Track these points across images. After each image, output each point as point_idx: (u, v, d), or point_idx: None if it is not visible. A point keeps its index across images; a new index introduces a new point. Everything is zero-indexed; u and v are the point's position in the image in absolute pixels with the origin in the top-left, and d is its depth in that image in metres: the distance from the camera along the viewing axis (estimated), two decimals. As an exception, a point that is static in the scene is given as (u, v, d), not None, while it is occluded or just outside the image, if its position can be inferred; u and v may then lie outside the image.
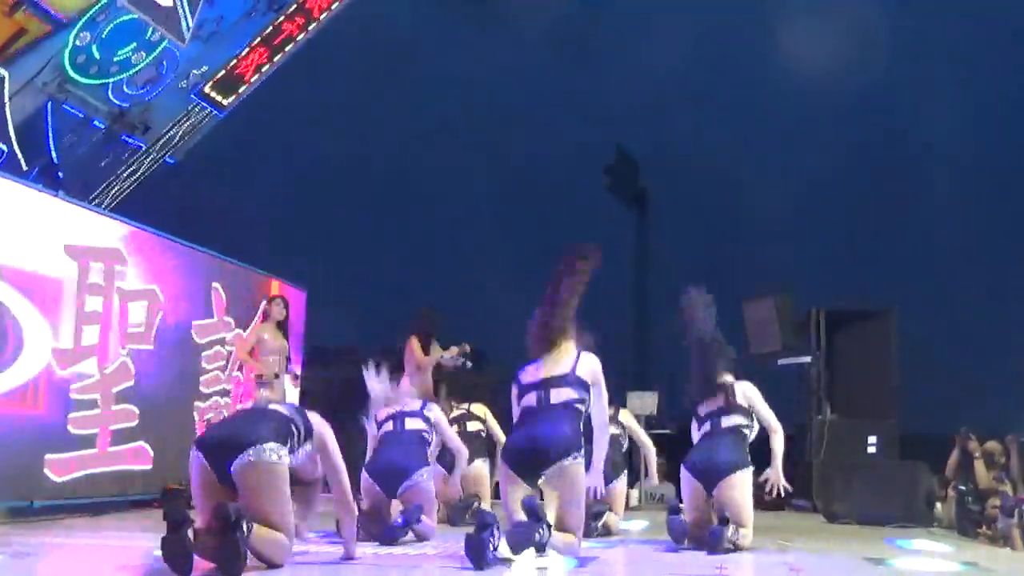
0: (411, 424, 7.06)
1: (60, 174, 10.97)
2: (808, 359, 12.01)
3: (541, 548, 5.20)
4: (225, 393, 10.38)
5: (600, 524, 7.36)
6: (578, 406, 5.79)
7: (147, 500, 9.08)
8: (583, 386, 5.82)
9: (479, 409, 9.08)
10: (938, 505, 9.82)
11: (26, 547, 5.82)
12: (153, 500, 9.09)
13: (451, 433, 7.42)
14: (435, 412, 7.27)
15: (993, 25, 21.81)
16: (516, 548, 5.09)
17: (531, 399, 5.83)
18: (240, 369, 10.39)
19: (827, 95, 22.52)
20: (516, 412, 5.93)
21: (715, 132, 24.16)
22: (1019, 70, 22.05)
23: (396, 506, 6.75)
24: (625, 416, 8.83)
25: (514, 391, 5.99)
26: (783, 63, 23.67)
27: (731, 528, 6.19)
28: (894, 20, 23.80)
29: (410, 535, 6.43)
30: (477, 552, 4.98)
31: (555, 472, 5.58)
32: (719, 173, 23.24)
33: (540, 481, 5.65)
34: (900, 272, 19.20)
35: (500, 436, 8.74)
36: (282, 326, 10.13)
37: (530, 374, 5.91)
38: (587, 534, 6.10)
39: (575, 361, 5.86)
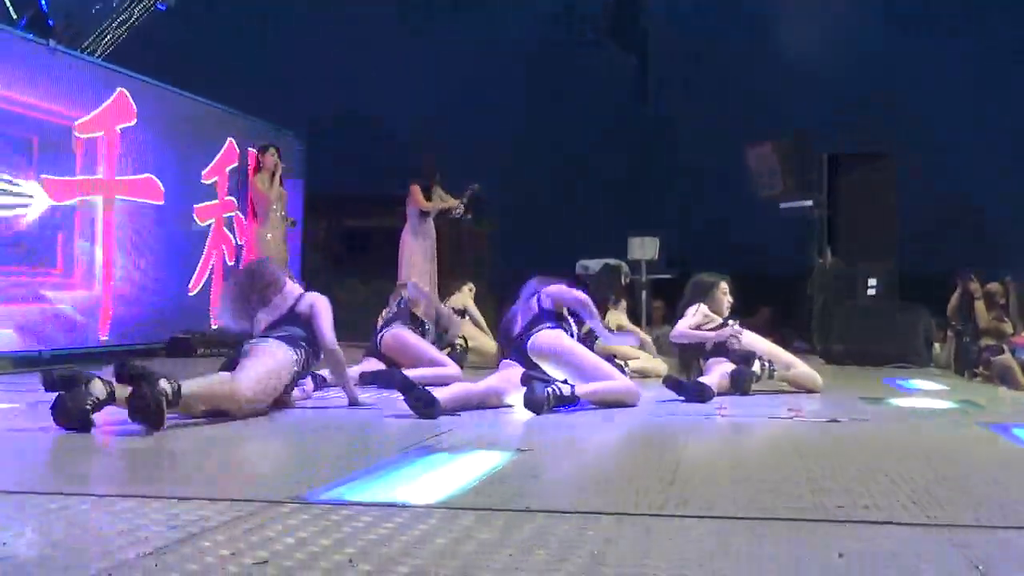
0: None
1: (51, 22, 10.74)
2: (810, 203, 11.99)
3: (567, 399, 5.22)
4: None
5: None
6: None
7: (156, 348, 9.22)
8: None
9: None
10: (936, 346, 9.95)
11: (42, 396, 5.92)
12: (162, 348, 9.25)
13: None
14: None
15: None
16: (536, 406, 5.05)
17: None
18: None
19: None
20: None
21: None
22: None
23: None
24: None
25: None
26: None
27: (756, 363, 6.34)
28: None
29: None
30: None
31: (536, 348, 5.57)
32: (723, 15, 22.77)
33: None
34: (903, 115, 18.99)
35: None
36: (276, 175, 10.18)
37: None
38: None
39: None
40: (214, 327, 9.64)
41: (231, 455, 4.00)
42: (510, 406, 5.30)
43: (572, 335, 5.74)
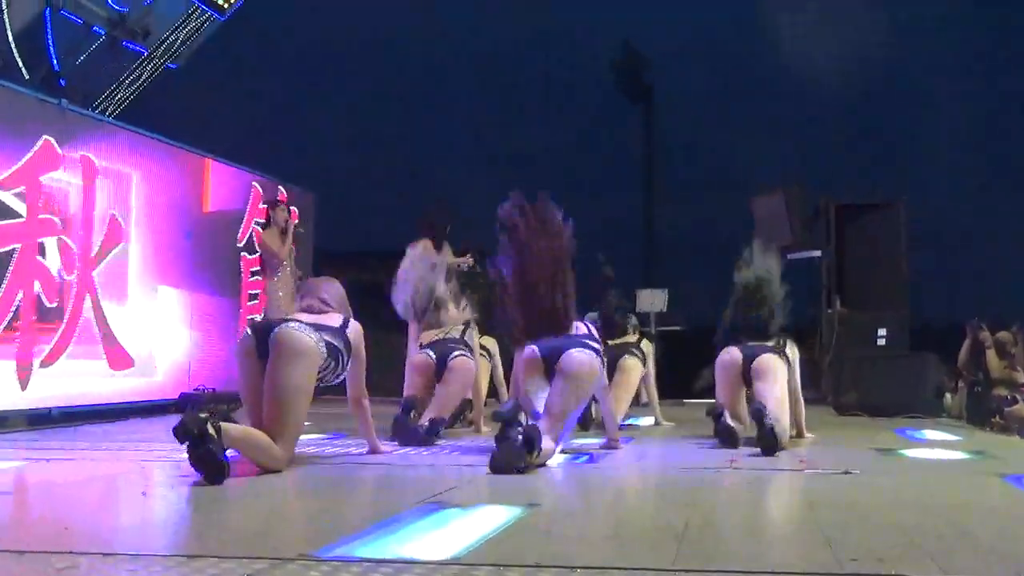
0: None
1: (62, 82, 10.87)
2: (818, 253, 12.00)
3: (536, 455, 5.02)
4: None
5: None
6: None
7: (165, 404, 9.19)
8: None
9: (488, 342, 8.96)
10: (947, 396, 9.89)
11: (48, 454, 5.91)
12: (170, 405, 9.22)
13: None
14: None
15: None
16: (500, 469, 4.84)
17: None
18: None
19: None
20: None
21: (723, 25, 23.81)
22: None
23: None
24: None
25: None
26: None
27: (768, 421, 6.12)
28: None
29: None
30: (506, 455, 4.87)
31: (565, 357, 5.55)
32: (727, 68, 22.98)
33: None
34: (910, 163, 19.09)
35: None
36: (285, 231, 10.17)
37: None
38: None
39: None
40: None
41: (242, 511, 3.98)
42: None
43: None
